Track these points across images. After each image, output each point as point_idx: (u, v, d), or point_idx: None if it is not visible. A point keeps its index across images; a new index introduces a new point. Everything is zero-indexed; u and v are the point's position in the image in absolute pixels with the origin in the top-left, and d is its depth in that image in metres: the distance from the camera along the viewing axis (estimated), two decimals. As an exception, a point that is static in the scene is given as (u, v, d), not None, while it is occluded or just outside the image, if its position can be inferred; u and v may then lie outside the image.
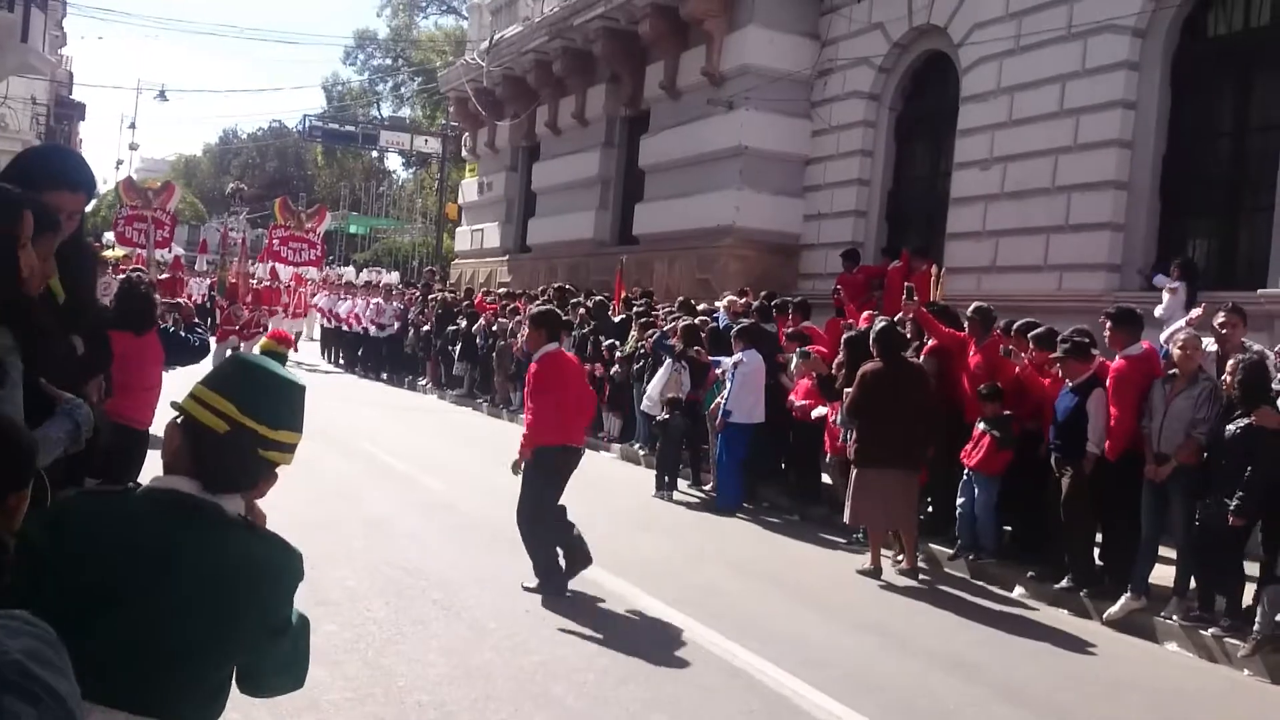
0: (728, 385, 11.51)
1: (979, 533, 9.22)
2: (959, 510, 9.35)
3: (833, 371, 10.53)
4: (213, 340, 14.13)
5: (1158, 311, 10.62)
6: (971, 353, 9.80)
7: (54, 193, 3.34)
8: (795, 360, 11.38)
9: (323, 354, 28.16)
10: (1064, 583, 8.43)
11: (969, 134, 15.25)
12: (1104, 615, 7.96)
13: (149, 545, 2.30)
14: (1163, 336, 8.67)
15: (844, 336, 10.81)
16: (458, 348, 20.51)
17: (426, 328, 22.56)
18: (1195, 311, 9.71)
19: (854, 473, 9.04)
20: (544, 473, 7.80)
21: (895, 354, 9.19)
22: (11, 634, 1.68)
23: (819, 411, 10.80)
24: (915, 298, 10.54)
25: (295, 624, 2.48)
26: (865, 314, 12.17)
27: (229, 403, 2.40)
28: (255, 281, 24.98)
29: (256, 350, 3.02)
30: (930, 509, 10.09)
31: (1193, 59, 13.07)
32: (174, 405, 2.48)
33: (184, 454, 2.41)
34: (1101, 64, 13.37)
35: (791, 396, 11.29)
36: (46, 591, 2.22)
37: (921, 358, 9.89)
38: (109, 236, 30.24)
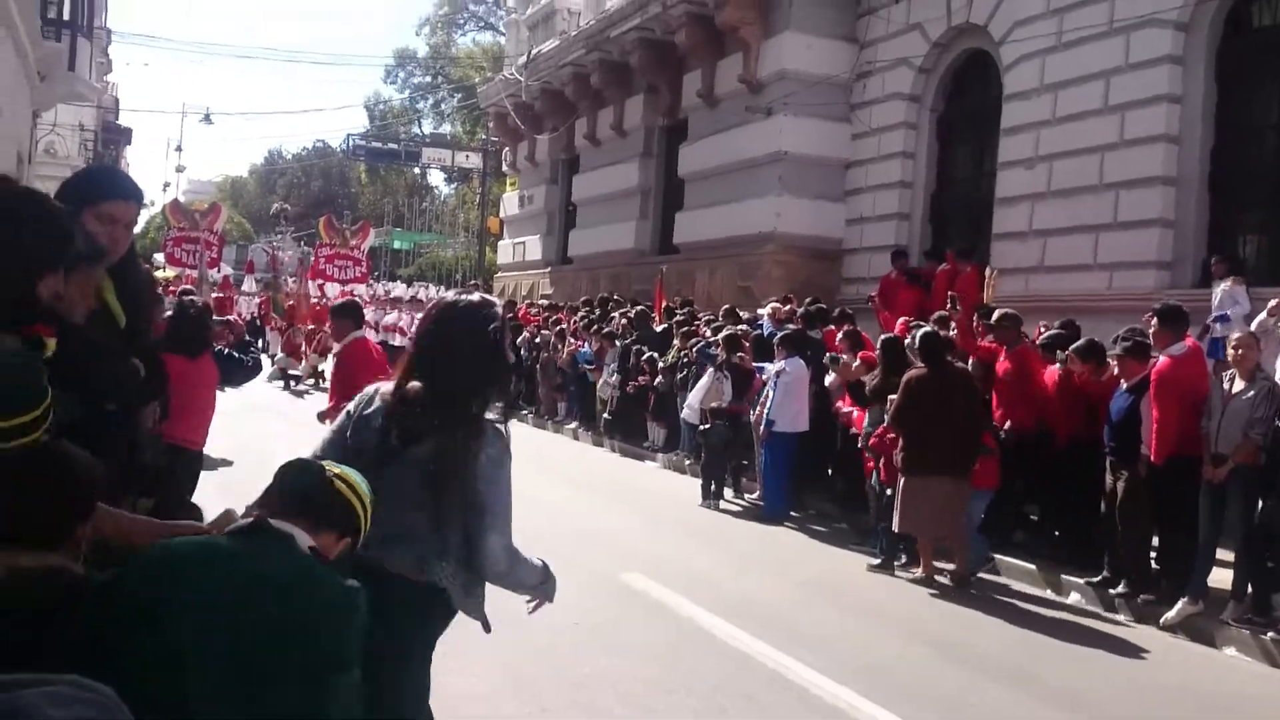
0: (770, 394, 11.44)
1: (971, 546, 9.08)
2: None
3: (863, 377, 10.45)
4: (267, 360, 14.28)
5: (1219, 310, 10.46)
6: (1001, 359, 9.67)
7: (110, 203, 3.42)
8: (828, 366, 11.31)
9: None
10: (1120, 588, 8.28)
11: (1013, 133, 15.10)
12: (1161, 620, 7.80)
13: (224, 567, 2.36)
14: (1232, 336, 8.45)
15: (880, 339, 10.71)
16: (502, 361, 20.57)
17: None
18: (1274, 303, 9.55)
19: (901, 481, 8.93)
20: None
21: (940, 359, 9.07)
22: (57, 701, 1.64)
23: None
24: (959, 306, 10.43)
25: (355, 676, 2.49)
26: (901, 320, 12.04)
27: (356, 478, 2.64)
28: (316, 301, 25.17)
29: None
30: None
31: (1237, 52, 12.87)
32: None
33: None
34: (1145, 59, 13.20)
35: (839, 404, 11.20)
36: (143, 643, 2.26)
37: (970, 363, 9.77)
38: (159, 258, 30.66)
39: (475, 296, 3.37)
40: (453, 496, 3.07)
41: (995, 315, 10.00)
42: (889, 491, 9.40)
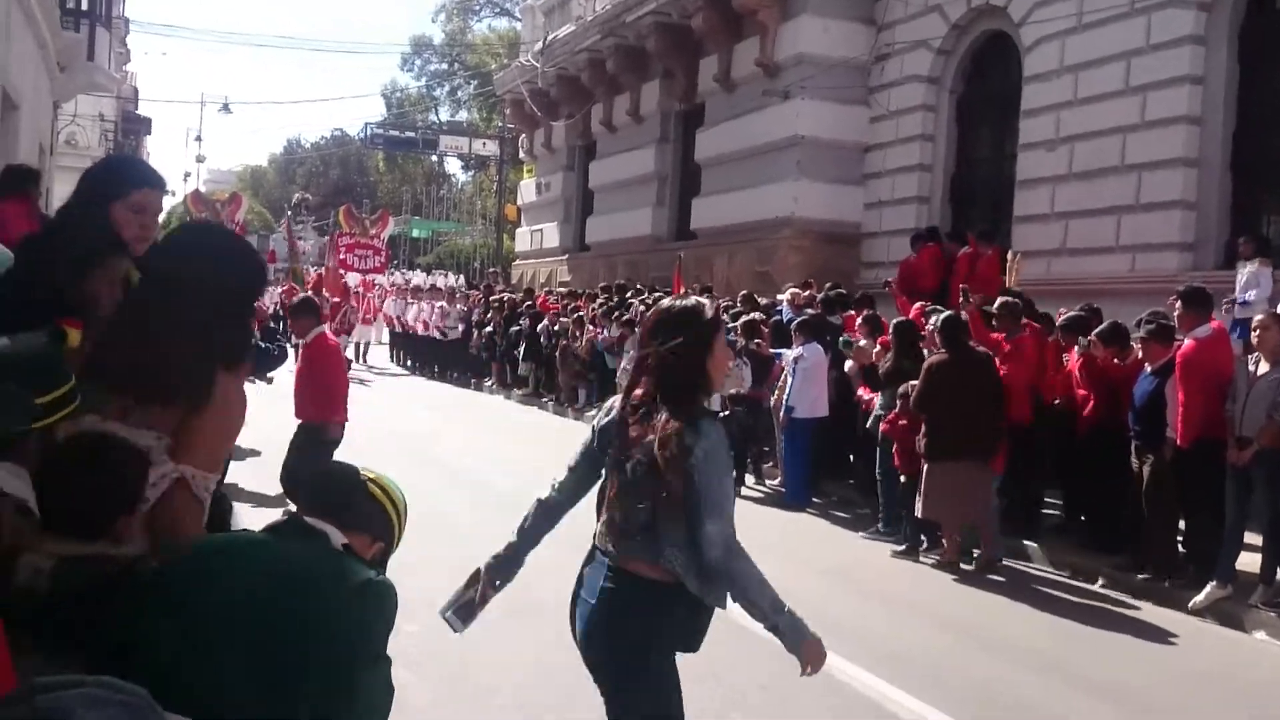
0: (789, 380, 11.39)
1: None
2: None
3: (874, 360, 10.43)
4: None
5: (1242, 293, 10.35)
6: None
7: (139, 192, 3.42)
8: (843, 349, 11.27)
9: (392, 358, 28.51)
10: (1146, 573, 8.22)
11: (1033, 114, 14.97)
12: (1189, 605, 7.74)
13: (254, 561, 2.40)
14: (1255, 318, 8.36)
15: (893, 323, 10.66)
16: (522, 348, 20.58)
17: (490, 329, 22.66)
18: None
19: (925, 466, 8.88)
20: (327, 447, 7.84)
21: (961, 344, 9.00)
22: (91, 703, 1.66)
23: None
24: (970, 299, 10.37)
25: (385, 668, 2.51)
26: (916, 305, 11.95)
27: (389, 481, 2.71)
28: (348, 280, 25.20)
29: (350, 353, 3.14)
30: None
31: (1260, 31, 12.71)
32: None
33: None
34: (1166, 39, 13.06)
35: (860, 389, 11.14)
36: (175, 635, 2.29)
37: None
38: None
39: (690, 300, 3.50)
40: (671, 488, 3.17)
41: (995, 304, 9.94)
42: (903, 477, 9.39)
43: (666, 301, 3.54)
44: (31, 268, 3.09)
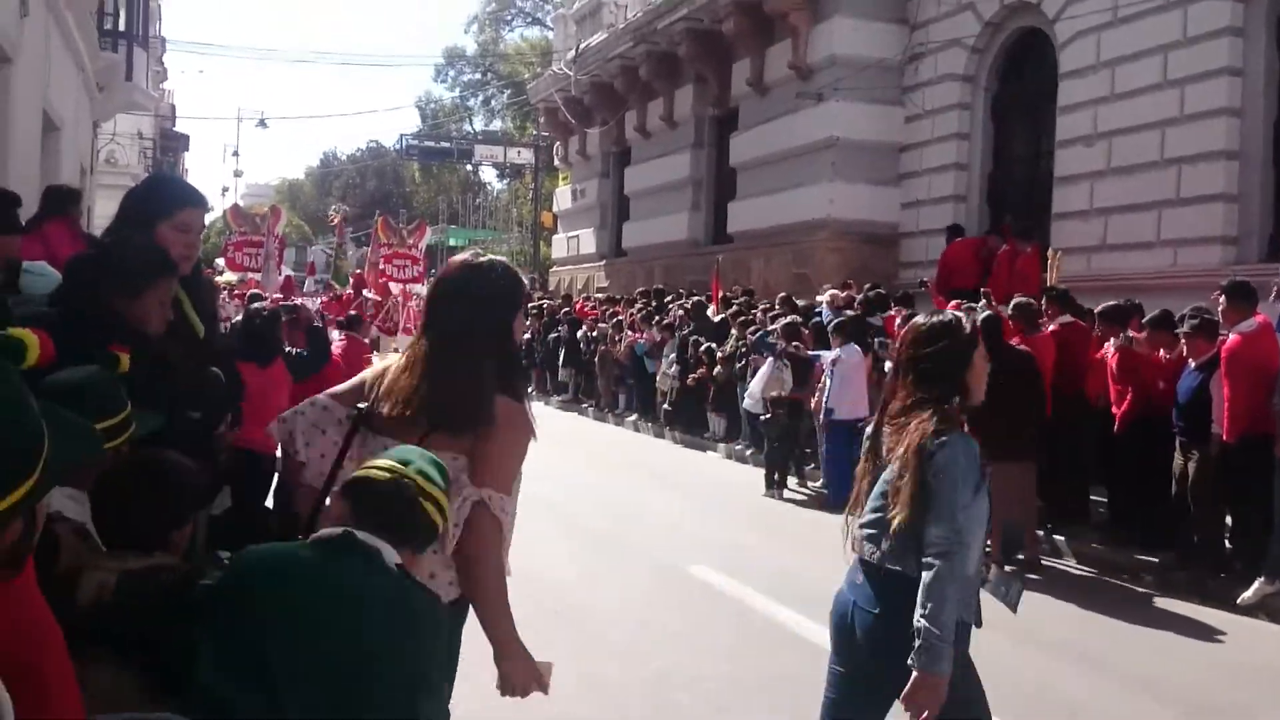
0: (828, 382, 11.39)
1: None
2: None
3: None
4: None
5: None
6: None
7: (184, 211, 3.49)
8: (878, 351, 11.27)
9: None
10: (1193, 569, 8.16)
11: (1070, 110, 14.88)
12: (1238, 600, 7.67)
13: (321, 590, 2.34)
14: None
15: None
16: (561, 354, 20.68)
17: (528, 336, 22.78)
18: None
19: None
20: None
21: (1001, 343, 8.95)
22: None
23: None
24: (994, 301, 10.35)
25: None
26: (952, 304, 11.89)
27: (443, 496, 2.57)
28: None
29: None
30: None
31: (1301, 20, 12.58)
32: (405, 483, 2.52)
33: (346, 510, 2.50)
34: (1204, 31, 12.95)
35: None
36: (214, 641, 2.29)
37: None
38: (220, 263, 31.10)
39: (948, 315, 3.65)
40: (918, 493, 3.29)
41: (1011, 305, 9.90)
42: None
43: (922, 317, 3.67)
44: (82, 289, 3.15)
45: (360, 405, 3.02)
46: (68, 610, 2.28)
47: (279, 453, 3.34)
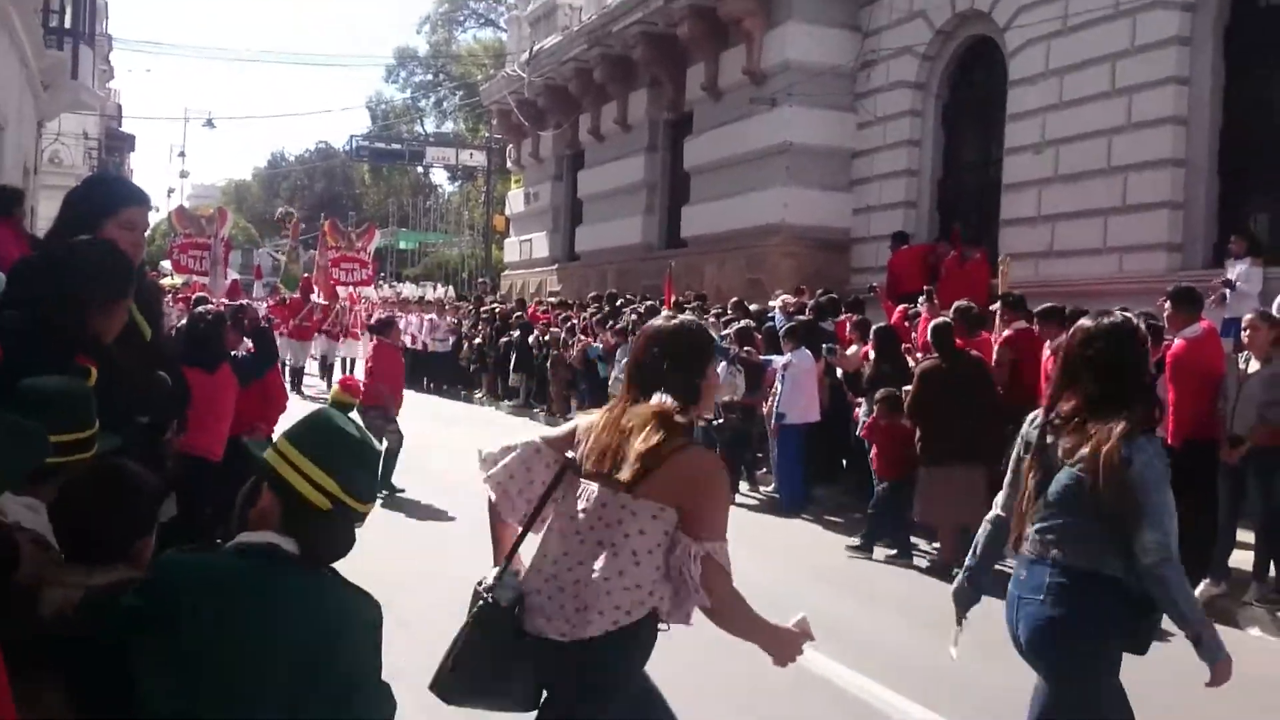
0: (779, 386, 11.46)
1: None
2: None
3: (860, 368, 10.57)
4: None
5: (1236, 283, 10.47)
6: None
7: (130, 209, 3.45)
8: (826, 357, 11.38)
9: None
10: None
11: (1019, 118, 15.08)
12: (1184, 604, 7.80)
13: (250, 598, 2.25)
14: (1245, 318, 8.45)
15: (873, 328, 10.78)
16: (513, 359, 20.61)
17: (479, 340, 22.69)
18: None
19: (922, 471, 8.94)
20: None
21: (952, 349, 9.08)
22: None
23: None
24: (935, 300, 10.50)
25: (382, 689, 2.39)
26: (899, 309, 12.05)
27: (331, 479, 2.33)
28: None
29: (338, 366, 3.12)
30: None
31: (1246, 30, 12.83)
32: (262, 465, 2.39)
33: (274, 514, 2.34)
34: (1152, 40, 13.18)
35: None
36: (147, 656, 2.23)
37: (996, 348, 9.78)
38: (165, 265, 30.74)
39: (1118, 316, 3.66)
40: (1108, 498, 3.37)
41: (953, 309, 10.07)
42: (883, 483, 9.55)
43: (1088, 320, 3.69)
44: (51, 297, 3.04)
45: (569, 454, 3.23)
46: (29, 624, 2.24)
47: (490, 494, 3.39)
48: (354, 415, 8.33)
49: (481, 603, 3.14)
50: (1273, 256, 11.22)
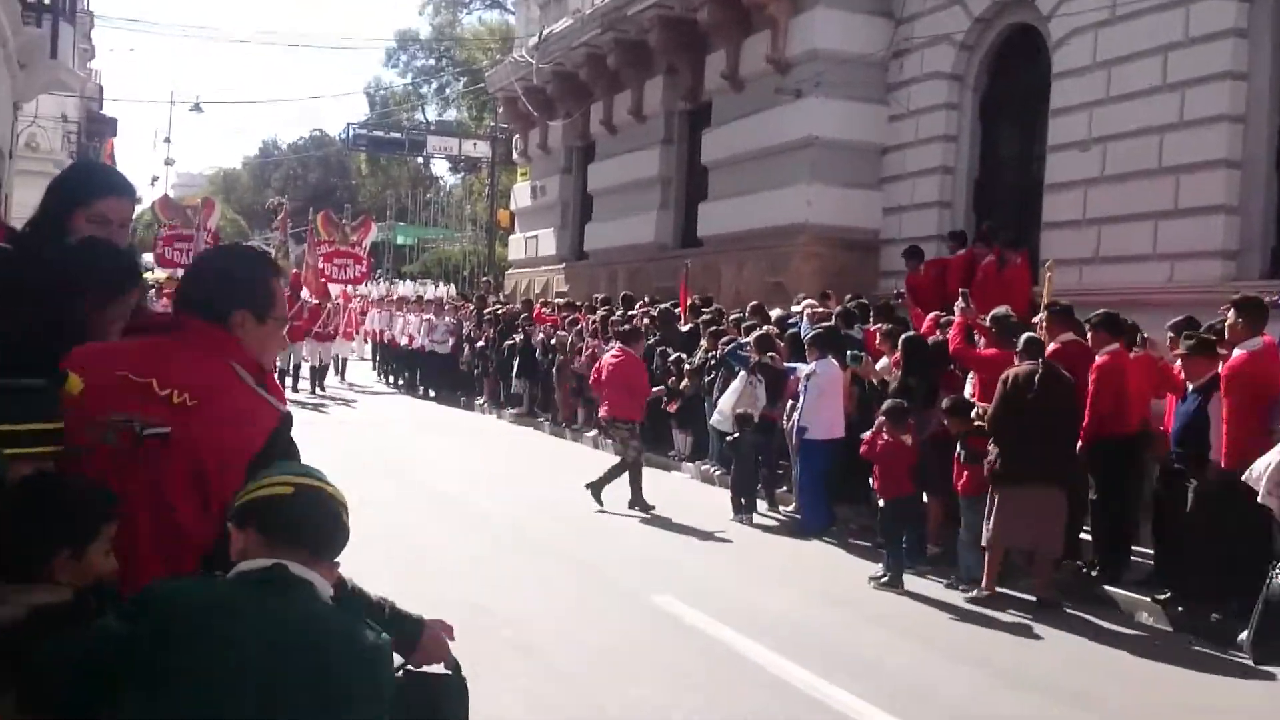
0: (802, 398, 11.36)
1: (967, 563, 9.14)
2: (959, 538, 9.34)
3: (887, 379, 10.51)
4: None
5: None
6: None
7: (102, 200, 3.42)
8: (850, 365, 11.31)
9: (378, 375, 28.60)
10: (1190, 605, 8.19)
11: (1063, 113, 15.00)
12: (1238, 639, 7.71)
13: (251, 627, 2.29)
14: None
15: (902, 337, 10.68)
16: (515, 364, 20.56)
17: (481, 343, 22.66)
18: None
19: (994, 491, 8.81)
20: None
21: (1042, 355, 8.95)
22: None
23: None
24: (971, 304, 10.41)
25: None
26: (930, 316, 11.95)
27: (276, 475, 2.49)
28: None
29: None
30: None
31: (1308, 22, 12.75)
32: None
33: (253, 539, 2.41)
34: (1206, 32, 13.08)
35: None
36: (136, 681, 2.24)
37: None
38: (148, 258, 30.81)
39: None
40: None
41: (989, 318, 9.99)
42: (881, 501, 9.54)
43: None
44: (37, 295, 3.02)
45: None
46: None
47: None
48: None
49: None
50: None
